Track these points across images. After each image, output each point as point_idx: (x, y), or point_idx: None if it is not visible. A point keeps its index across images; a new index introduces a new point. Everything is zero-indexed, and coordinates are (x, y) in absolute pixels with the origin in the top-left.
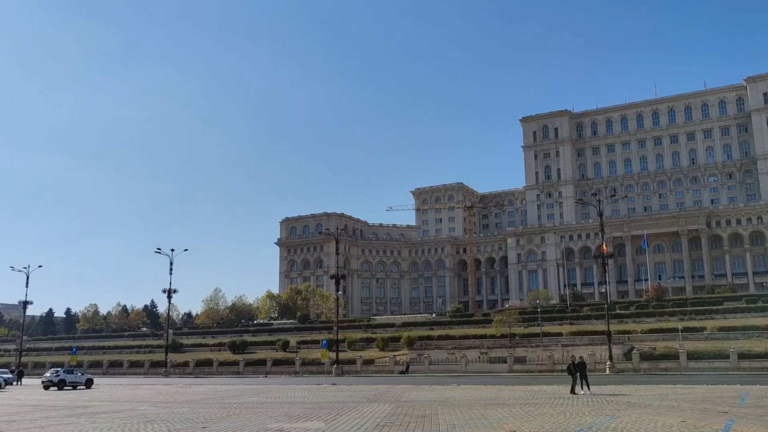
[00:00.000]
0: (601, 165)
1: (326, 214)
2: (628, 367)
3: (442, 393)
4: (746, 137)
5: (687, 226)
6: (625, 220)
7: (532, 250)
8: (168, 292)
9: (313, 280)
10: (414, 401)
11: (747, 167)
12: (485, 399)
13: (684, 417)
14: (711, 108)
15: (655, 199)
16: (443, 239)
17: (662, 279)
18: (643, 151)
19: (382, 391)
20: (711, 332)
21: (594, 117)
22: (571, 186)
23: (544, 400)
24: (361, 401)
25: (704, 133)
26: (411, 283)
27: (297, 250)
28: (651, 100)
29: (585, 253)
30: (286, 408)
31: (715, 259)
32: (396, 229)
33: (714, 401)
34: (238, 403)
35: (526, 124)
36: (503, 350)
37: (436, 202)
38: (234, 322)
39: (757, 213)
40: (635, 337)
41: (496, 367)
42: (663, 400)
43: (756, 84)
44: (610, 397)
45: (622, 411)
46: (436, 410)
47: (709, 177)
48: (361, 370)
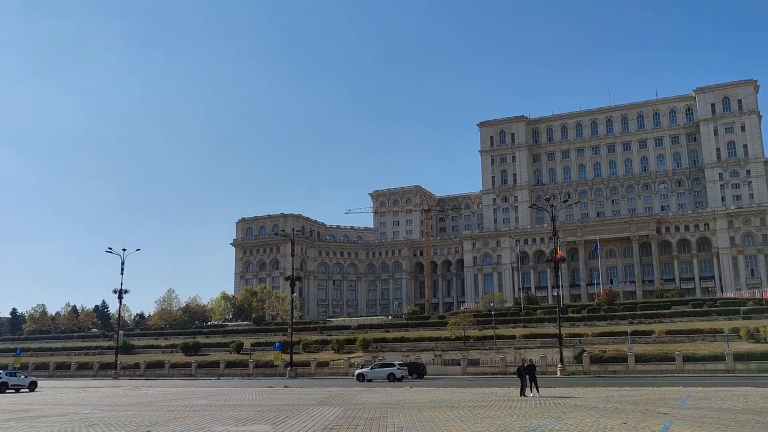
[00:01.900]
0: (556, 170)
1: (283, 215)
2: (578, 369)
3: (394, 395)
4: (695, 146)
5: (638, 231)
6: (579, 225)
7: (488, 254)
8: (119, 293)
9: (269, 281)
10: (365, 404)
11: (695, 175)
12: (436, 401)
13: (626, 419)
14: (662, 117)
15: (608, 204)
16: (400, 242)
17: (614, 283)
18: (597, 158)
19: (335, 393)
20: (658, 336)
21: (550, 123)
22: (526, 191)
23: (493, 403)
24: (311, 404)
25: (655, 141)
26: (368, 285)
27: (253, 251)
28: (605, 107)
29: (539, 257)
30: (236, 411)
31: (664, 264)
32: (354, 231)
33: (656, 403)
34: (186, 405)
35: (484, 128)
36: (457, 352)
37: (394, 204)
38: (187, 323)
39: (704, 220)
40: (586, 340)
41: (450, 369)
42: (608, 402)
43: (704, 95)
44: (558, 399)
45: (567, 413)
46: (386, 413)
47: (659, 184)
48: (315, 372)
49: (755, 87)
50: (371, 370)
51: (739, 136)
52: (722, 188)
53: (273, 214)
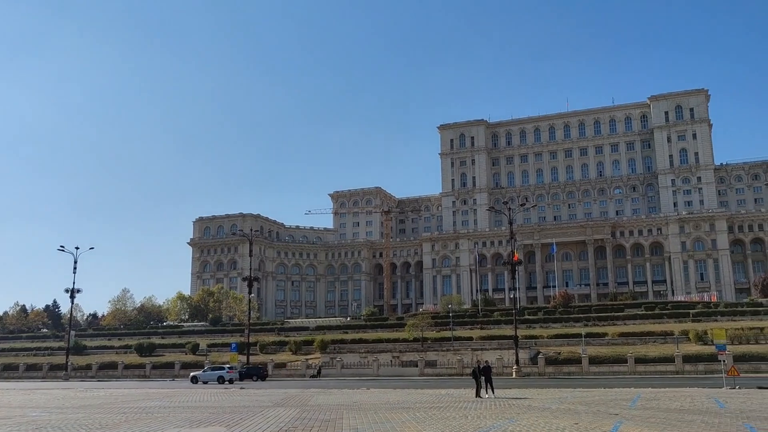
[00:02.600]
0: (515, 174)
1: (242, 215)
2: (534, 371)
3: (350, 397)
4: (649, 152)
5: (593, 235)
6: (536, 229)
7: (447, 256)
8: (71, 292)
9: (227, 281)
10: (321, 405)
11: (649, 181)
12: (392, 403)
13: (578, 419)
14: (618, 123)
15: (565, 208)
16: (360, 243)
17: (569, 286)
18: (555, 162)
19: (291, 395)
20: (612, 338)
21: (509, 127)
22: (485, 194)
23: (448, 404)
24: (267, 405)
25: (611, 147)
26: (327, 286)
27: (210, 251)
28: (563, 113)
29: (497, 260)
30: (189, 413)
31: (618, 267)
32: (313, 232)
33: (608, 404)
34: (139, 407)
35: (444, 131)
36: (415, 354)
37: (354, 205)
38: (142, 323)
39: (657, 225)
40: (542, 342)
41: (408, 370)
42: (561, 403)
43: (659, 102)
44: (512, 400)
45: (521, 414)
46: (342, 414)
47: (614, 189)
48: (272, 373)
49: (706, 96)
50: (203, 372)
51: (691, 143)
52: (674, 194)
53: (231, 213)
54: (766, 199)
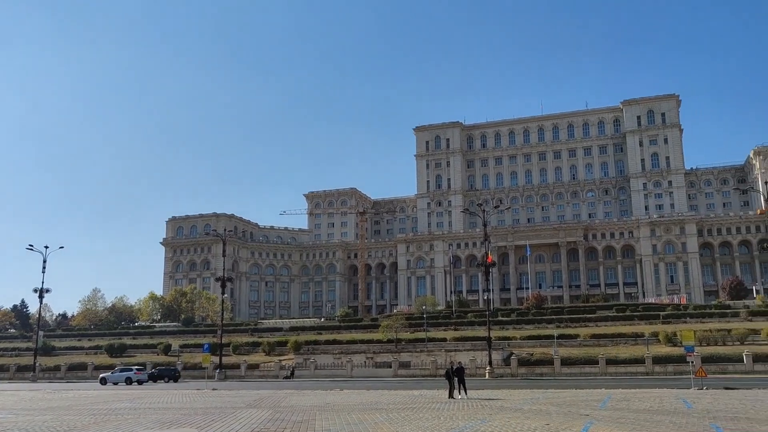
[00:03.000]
0: (489, 176)
1: (215, 215)
2: (506, 372)
3: (323, 398)
4: (621, 156)
5: (566, 238)
6: (510, 231)
7: (422, 257)
8: (40, 292)
9: (200, 282)
10: (294, 406)
11: (621, 185)
12: (366, 404)
13: (549, 420)
14: (591, 127)
15: (538, 211)
16: (335, 244)
17: (542, 288)
18: (529, 165)
19: (264, 396)
20: (584, 339)
21: (484, 130)
22: (460, 195)
23: (422, 405)
24: (240, 407)
25: (584, 150)
26: (301, 287)
27: (183, 251)
28: (537, 116)
29: (471, 261)
30: (160, 414)
31: (590, 269)
32: (288, 233)
33: (579, 404)
34: (108, 409)
35: (420, 133)
36: (389, 355)
37: (329, 206)
38: (113, 324)
39: (629, 228)
40: (515, 343)
41: (381, 371)
42: (533, 404)
43: (631, 107)
44: (485, 401)
45: (493, 415)
46: (315, 415)
47: (587, 192)
48: (245, 374)
49: (677, 102)
50: (112, 374)
51: (662, 148)
52: (646, 198)
53: (205, 213)
54: (734, 203)
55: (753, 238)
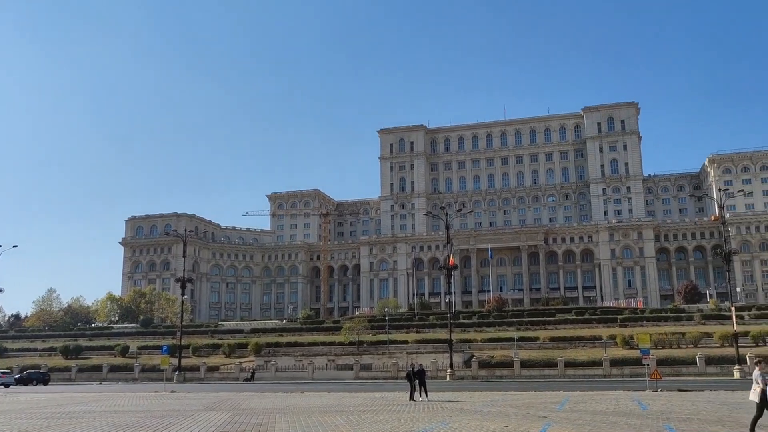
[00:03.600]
0: (452, 180)
1: (176, 215)
2: (467, 374)
3: (284, 400)
4: (582, 162)
5: (527, 241)
6: (472, 234)
7: (385, 259)
8: None
9: (159, 282)
10: (254, 409)
11: (581, 190)
12: (326, 406)
13: (508, 422)
14: (553, 133)
15: (500, 215)
16: (298, 245)
17: (503, 291)
18: (491, 169)
19: (224, 398)
20: (543, 342)
21: (448, 134)
22: (423, 198)
23: (382, 407)
24: (198, 409)
25: (546, 155)
26: (263, 288)
27: (143, 251)
28: (500, 121)
29: (434, 264)
30: (116, 417)
31: (550, 273)
32: (250, 233)
33: (537, 407)
34: (62, 412)
35: (384, 136)
36: (351, 357)
37: (292, 207)
38: (69, 325)
39: (588, 232)
40: (476, 346)
41: (343, 374)
42: (493, 406)
43: (592, 114)
44: (446, 403)
45: (454, 417)
46: (275, 418)
47: (548, 197)
48: (204, 377)
49: (636, 109)
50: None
51: (622, 154)
52: (605, 203)
53: (166, 213)
54: (690, 209)
55: (707, 243)
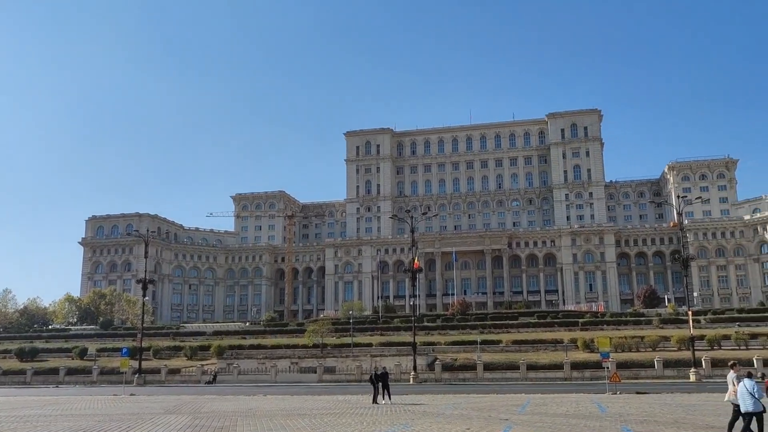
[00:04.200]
0: (418, 183)
1: (138, 215)
2: (431, 377)
3: (246, 404)
4: (545, 167)
5: (491, 245)
6: (437, 237)
7: (350, 262)
8: None
9: (120, 283)
10: (215, 412)
11: (544, 195)
12: (289, 409)
13: (470, 424)
14: (517, 138)
15: (465, 218)
16: (262, 247)
17: (467, 294)
18: (457, 173)
19: (185, 401)
20: (506, 345)
21: (414, 137)
22: (389, 201)
23: (345, 410)
24: (158, 413)
25: (510, 160)
26: (226, 290)
27: (103, 251)
28: (466, 125)
29: (399, 267)
30: (73, 421)
31: (514, 277)
32: (213, 235)
33: (499, 409)
34: (16, 416)
35: (351, 138)
36: (314, 360)
37: (257, 209)
38: (25, 327)
39: (551, 237)
40: (439, 349)
41: (306, 377)
42: (455, 409)
43: (556, 120)
44: (408, 406)
45: (416, 420)
46: (236, 422)
47: (512, 201)
48: (165, 379)
49: (599, 116)
50: None
51: (584, 160)
52: (567, 208)
53: (128, 213)
54: (650, 215)
55: (666, 249)
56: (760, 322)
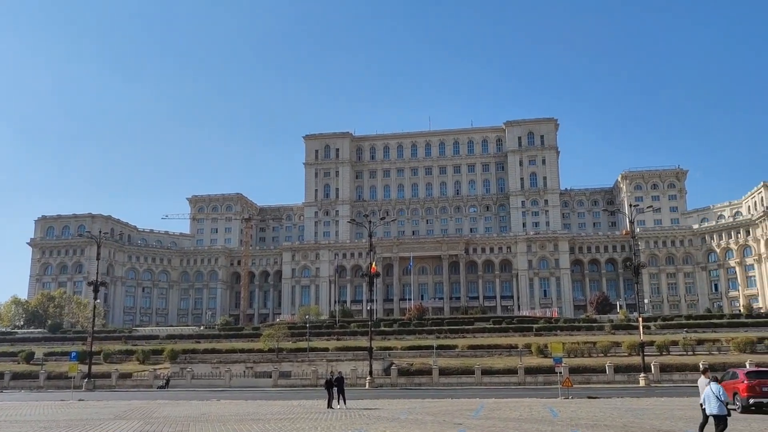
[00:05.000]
0: (377, 188)
1: (91, 216)
2: (386, 381)
3: (199, 409)
4: (502, 174)
5: (448, 251)
6: (395, 242)
7: (307, 266)
8: None
9: (71, 286)
10: (167, 418)
11: (501, 202)
12: (243, 414)
13: (424, 429)
14: (476, 145)
15: (423, 224)
16: (218, 250)
17: (424, 299)
18: (415, 179)
19: (135, 407)
20: (462, 350)
21: (373, 142)
22: (348, 206)
23: (300, 415)
24: (107, 418)
25: (468, 167)
26: (180, 293)
27: (54, 253)
28: (425, 132)
29: (357, 271)
30: (17, 427)
31: (470, 282)
32: (168, 237)
33: (453, 414)
34: None
35: (310, 142)
36: (270, 365)
37: (214, 211)
38: None
39: (507, 243)
40: (396, 353)
41: (261, 381)
42: (410, 414)
43: (513, 128)
44: (363, 411)
45: (371, 424)
46: (188, 427)
47: (470, 207)
48: (116, 384)
49: (555, 125)
50: None
51: (540, 168)
52: (524, 215)
53: (80, 213)
54: (603, 223)
55: (618, 256)
56: (706, 328)
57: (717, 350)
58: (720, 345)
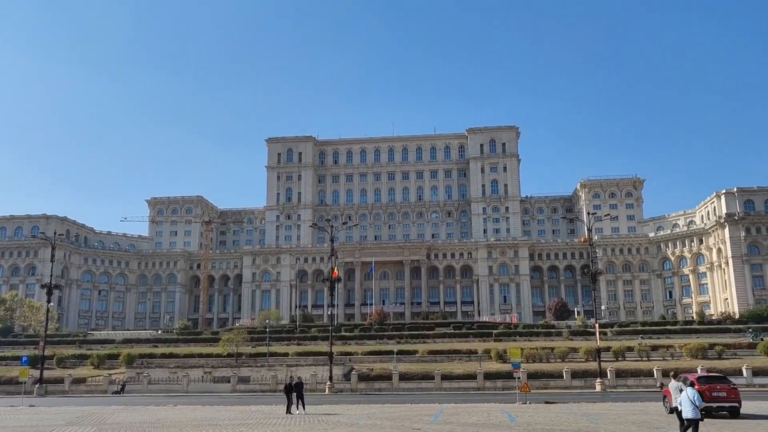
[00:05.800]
0: (340, 193)
1: (45, 216)
2: (346, 387)
3: (155, 414)
4: (464, 181)
5: (410, 256)
6: (357, 247)
7: (268, 270)
8: None
9: (23, 288)
10: (121, 424)
11: (463, 208)
12: (200, 420)
13: None
14: (438, 151)
15: (385, 229)
16: (177, 253)
17: (386, 304)
18: (378, 184)
19: (89, 413)
20: (422, 355)
21: (336, 146)
22: (310, 210)
23: (258, 421)
24: (59, 425)
25: (431, 173)
26: (138, 297)
27: (5, 254)
28: (389, 137)
29: (318, 276)
30: None
31: (431, 288)
32: (126, 239)
33: (413, 419)
34: None
35: (272, 145)
36: (228, 369)
37: (173, 214)
38: None
39: (468, 249)
40: (356, 359)
41: (220, 386)
42: (369, 419)
43: (475, 135)
44: (323, 416)
45: (329, 430)
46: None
47: (432, 213)
48: (69, 389)
49: (517, 133)
50: None
51: (502, 175)
52: (485, 221)
53: (33, 214)
54: (562, 231)
55: (577, 263)
56: (660, 334)
57: (671, 356)
58: (673, 351)
